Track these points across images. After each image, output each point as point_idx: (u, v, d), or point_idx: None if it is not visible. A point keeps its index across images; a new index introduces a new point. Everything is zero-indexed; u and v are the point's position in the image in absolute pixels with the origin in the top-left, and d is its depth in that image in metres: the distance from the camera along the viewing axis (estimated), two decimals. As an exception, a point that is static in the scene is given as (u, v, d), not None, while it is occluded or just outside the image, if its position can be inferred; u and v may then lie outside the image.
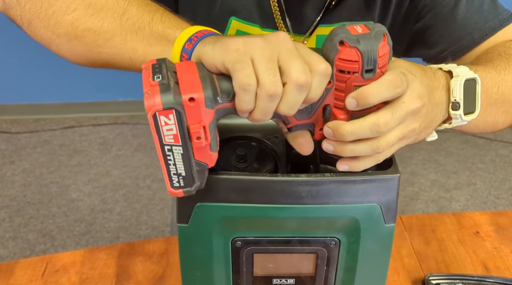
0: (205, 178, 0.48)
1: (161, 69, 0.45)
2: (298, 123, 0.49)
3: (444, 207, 2.13)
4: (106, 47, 0.58)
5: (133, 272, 0.86)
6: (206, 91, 0.43)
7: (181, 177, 0.47)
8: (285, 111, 0.45)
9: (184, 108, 0.43)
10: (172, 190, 0.47)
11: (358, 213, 0.51)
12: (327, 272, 0.55)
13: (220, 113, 0.46)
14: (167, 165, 0.46)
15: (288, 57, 0.44)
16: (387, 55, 0.46)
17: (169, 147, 0.44)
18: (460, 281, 0.82)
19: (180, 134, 0.44)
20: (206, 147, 0.45)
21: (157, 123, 0.43)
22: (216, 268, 0.55)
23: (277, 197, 0.50)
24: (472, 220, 0.98)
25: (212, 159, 0.47)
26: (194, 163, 0.46)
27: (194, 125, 0.43)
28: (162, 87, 0.43)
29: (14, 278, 0.85)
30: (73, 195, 2.19)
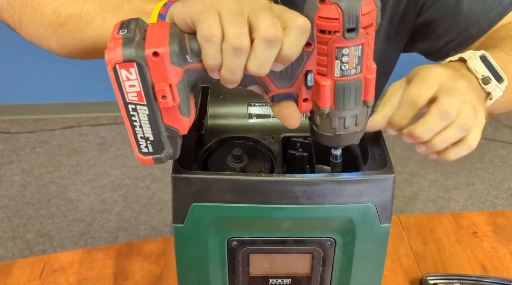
0: (178, 146, 0.46)
1: (129, 25, 0.42)
2: (280, 92, 0.46)
3: (443, 207, 2.13)
4: (89, 31, 0.58)
5: (131, 272, 0.86)
6: (172, 47, 0.41)
7: (149, 142, 0.44)
8: (254, 69, 0.41)
9: (148, 63, 0.41)
10: (141, 156, 0.45)
11: (353, 213, 0.51)
12: (322, 272, 0.56)
13: (192, 75, 0.43)
14: (132, 126, 0.44)
15: (258, 12, 0.41)
16: (372, 15, 0.42)
17: (133, 106, 0.42)
18: (458, 281, 0.82)
19: (144, 92, 0.41)
20: (174, 109, 0.43)
21: (118, 78, 0.41)
22: (212, 268, 0.55)
23: (273, 197, 0.50)
24: (470, 220, 0.98)
25: (183, 124, 0.44)
26: (163, 127, 0.44)
27: (159, 83, 0.41)
28: (125, 41, 0.40)
29: (12, 278, 0.85)
30: (72, 195, 2.19)
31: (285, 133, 0.60)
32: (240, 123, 0.61)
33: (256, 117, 0.61)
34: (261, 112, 0.62)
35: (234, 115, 0.61)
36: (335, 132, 0.48)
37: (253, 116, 0.61)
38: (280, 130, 0.60)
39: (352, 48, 0.42)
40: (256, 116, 0.61)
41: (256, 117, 0.61)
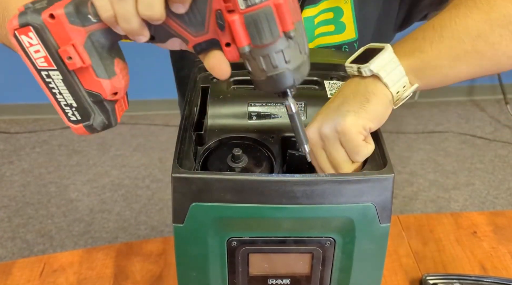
0: (110, 113, 0.46)
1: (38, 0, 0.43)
2: (199, 40, 0.44)
3: (442, 207, 2.13)
4: None
5: (131, 272, 0.86)
6: (67, 7, 0.41)
7: (74, 108, 0.45)
8: (144, 11, 0.41)
9: (47, 26, 0.41)
10: (72, 125, 0.46)
11: (353, 213, 0.51)
12: (322, 272, 0.56)
13: (101, 35, 0.43)
14: (52, 94, 0.44)
15: None
16: None
17: (46, 72, 0.43)
18: (458, 281, 0.82)
19: (51, 56, 0.42)
20: (87, 70, 0.43)
21: (21, 44, 0.42)
22: (212, 268, 0.55)
23: (273, 197, 0.50)
24: (469, 220, 0.98)
25: (103, 87, 0.44)
26: (84, 92, 0.44)
27: (64, 46, 0.42)
28: (25, 10, 0.42)
29: (12, 278, 0.85)
30: (72, 195, 2.19)
31: (285, 134, 0.60)
32: (240, 123, 0.61)
33: (256, 117, 0.61)
34: (261, 112, 0.62)
35: (234, 115, 0.61)
36: (266, 74, 0.45)
37: (253, 116, 0.61)
38: (280, 130, 0.60)
39: None
40: (256, 116, 0.61)
41: (256, 117, 0.61)
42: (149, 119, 2.63)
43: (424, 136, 2.53)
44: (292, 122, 0.50)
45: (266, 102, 0.62)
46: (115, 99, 0.46)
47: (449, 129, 2.56)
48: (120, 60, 0.46)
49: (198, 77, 0.67)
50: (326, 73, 0.67)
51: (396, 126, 2.59)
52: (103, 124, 0.46)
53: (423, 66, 0.56)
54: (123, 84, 0.46)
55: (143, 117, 2.63)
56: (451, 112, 2.70)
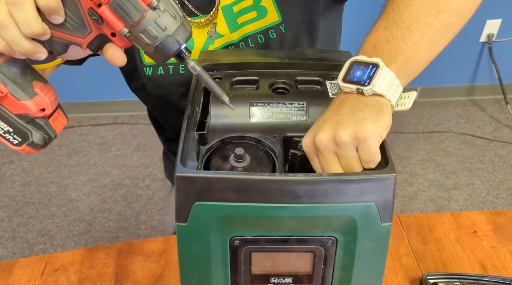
0: (46, 127, 0.51)
1: None
2: (88, 40, 0.49)
3: (442, 206, 2.13)
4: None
5: (132, 271, 0.87)
6: None
7: (12, 133, 0.50)
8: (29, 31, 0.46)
9: None
10: (17, 148, 0.50)
11: (355, 212, 0.51)
12: (324, 271, 0.56)
13: (9, 65, 0.48)
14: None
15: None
16: None
17: None
18: (458, 280, 0.82)
19: None
20: (8, 98, 0.49)
21: None
22: (214, 267, 0.55)
23: (275, 196, 0.50)
24: (469, 220, 0.98)
25: (27, 107, 0.49)
26: (14, 117, 0.49)
27: None
28: None
29: (13, 278, 0.85)
30: (72, 194, 2.19)
31: (287, 133, 0.60)
32: (242, 123, 0.61)
33: (258, 117, 0.61)
34: (263, 112, 0.62)
35: (236, 115, 0.61)
36: (153, 46, 0.49)
37: (255, 116, 0.62)
38: (282, 130, 0.60)
39: None
40: (258, 116, 0.62)
41: (258, 117, 0.61)
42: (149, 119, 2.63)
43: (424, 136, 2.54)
44: (203, 80, 0.53)
45: (268, 101, 0.62)
46: (46, 115, 0.51)
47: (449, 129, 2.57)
48: (39, 81, 0.51)
49: (200, 77, 0.67)
50: (327, 73, 0.67)
51: (396, 126, 2.59)
52: (44, 139, 0.51)
53: (408, 65, 0.57)
54: (47, 101, 0.51)
55: (143, 117, 2.63)
56: (451, 112, 2.70)
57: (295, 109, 0.62)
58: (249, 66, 0.68)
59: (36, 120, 0.51)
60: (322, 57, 0.72)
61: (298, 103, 0.62)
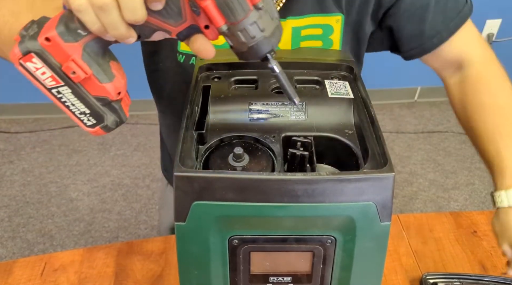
0: (119, 111, 0.50)
1: (30, 26, 0.46)
2: (180, 29, 0.48)
3: (442, 206, 2.13)
4: None
5: (131, 271, 0.87)
6: (58, 27, 0.45)
7: (88, 114, 0.49)
8: (130, 17, 0.44)
9: (46, 49, 0.45)
10: (89, 129, 0.50)
11: (353, 211, 0.51)
12: (323, 270, 0.56)
13: (94, 45, 0.47)
14: (66, 107, 0.48)
15: None
16: None
17: (56, 89, 0.47)
18: (458, 280, 0.82)
19: (56, 74, 0.46)
20: (91, 79, 0.47)
21: (29, 71, 0.45)
22: (213, 266, 0.55)
23: (274, 195, 0.50)
24: (469, 220, 0.98)
25: (108, 90, 0.48)
26: (92, 99, 0.48)
27: (65, 63, 0.45)
28: (21, 39, 0.45)
29: (13, 277, 0.85)
30: (72, 194, 2.19)
31: (286, 133, 0.60)
32: (241, 122, 0.61)
33: (257, 116, 0.61)
34: (262, 112, 0.62)
35: (235, 115, 0.61)
36: (247, 45, 0.48)
37: (254, 116, 0.62)
38: (281, 129, 0.60)
39: None
40: (257, 115, 0.61)
41: (257, 116, 0.61)
42: (149, 119, 2.63)
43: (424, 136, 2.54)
44: (279, 81, 0.52)
45: (267, 101, 0.62)
46: (120, 98, 0.50)
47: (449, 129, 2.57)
48: (114, 61, 0.49)
49: (199, 77, 0.67)
50: (326, 73, 0.67)
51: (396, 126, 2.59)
52: (116, 122, 0.50)
53: None
54: (123, 83, 0.50)
55: (143, 117, 2.63)
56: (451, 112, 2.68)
57: (294, 109, 0.62)
58: (248, 66, 0.68)
59: (112, 104, 0.49)
60: (321, 57, 0.72)
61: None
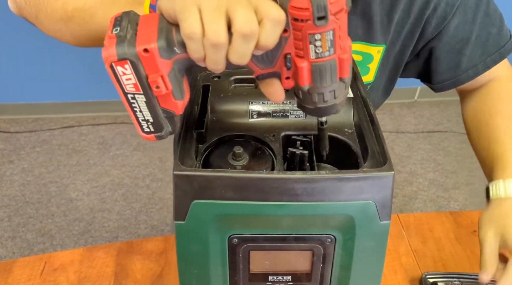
0: (176, 124, 0.51)
1: (122, 21, 0.46)
2: (263, 72, 0.49)
3: (442, 206, 2.13)
4: (93, 23, 0.62)
5: (131, 270, 0.87)
6: (160, 42, 0.45)
7: (150, 123, 0.49)
8: (235, 60, 0.45)
9: (140, 59, 0.45)
10: (144, 135, 0.50)
11: (353, 210, 0.51)
12: (323, 269, 0.56)
13: (181, 63, 0.47)
14: (133, 111, 0.48)
15: (235, 6, 0.43)
16: (340, 1, 0.44)
17: (132, 95, 0.47)
18: (457, 280, 0.82)
19: (140, 83, 0.46)
20: (168, 95, 0.48)
21: (116, 73, 0.46)
22: (213, 265, 0.55)
23: (273, 194, 0.50)
24: (469, 219, 0.98)
25: (178, 106, 0.49)
26: (160, 110, 0.49)
27: (152, 75, 0.45)
28: (118, 40, 0.44)
29: (13, 277, 0.85)
30: (72, 194, 2.19)
31: (285, 132, 0.60)
32: (240, 121, 0.61)
33: (256, 115, 0.62)
34: (261, 111, 0.62)
35: (234, 114, 0.61)
36: (316, 105, 0.50)
37: (253, 115, 0.62)
38: (280, 128, 0.60)
39: (324, 33, 0.45)
40: (256, 114, 0.62)
41: (256, 115, 0.62)
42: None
43: (424, 136, 2.54)
44: (323, 132, 0.56)
45: (267, 100, 0.62)
46: (181, 112, 0.51)
47: (449, 129, 2.57)
48: (186, 77, 0.50)
49: (199, 76, 0.67)
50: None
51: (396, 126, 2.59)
52: (169, 132, 0.51)
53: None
54: (188, 99, 0.51)
55: (143, 117, 2.64)
56: (451, 112, 2.70)
57: (293, 108, 0.62)
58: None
59: (174, 117, 0.50)
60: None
61: None
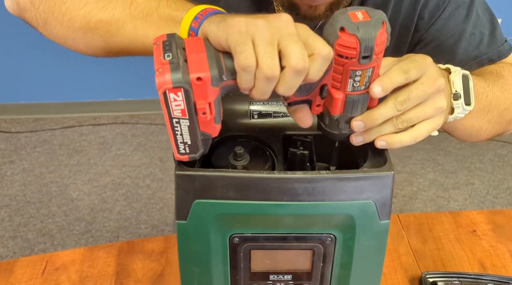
0: (208, 145, 0.52)
1: (171, 46, 0.47)
2: (297, 99, 0.51)
3: (442, 206, 2.13)
4: (119, 36, 0.61)
5: (132, 270, 0.87)
6: (213, 71, 0.46)
7: (187, 145, 0.50)
8: (283, 92, 0.46)
9: (192, 86, 0.46)
10: (179, 156, 0.51)
11: (353, 209, 0.51)
12: (323, 268, 0.56)
13: (225, 89, 0.48)
14: (174, 134, 0.49)
15: (288, 42, 0.45)
16: (384, 43, 0.47)
17: (177, 119, 0.48)
18: (457, 279, 0.83)
19: (188, 110, 0.47)
20: (210, 120, 0.49)
21: (167, 100, 0.46)
22: (214, 264, 0.55)
23: (274, 194, 0.50)
24: (469, 219, 0.98)
25: (216, 130, 0.50)
26: (199, 134, 0.50)
27: (201, 102, 0.46)
28: (172, 66, 0.45)
29: (14, 276, 0.85)
30: (72, 194, 2.19)
31: (286, 132, 0.60)
32: (241, 121, 0.61)
33: (257, 116, 0.62)
34: (262, 111, 0.62)
35: (235, 114, 0.62)
36: (341, 131, 0.54)
37: (254, 115, 0.62)
38: (281, 128, 0.61)
39: (365, 70, 0.48)
40: (257, 114, 0.62)
41: (257, 116, 0.62)
42: (149, 119, 2.63)
43: (424, 136, 2.54)
44: (335, 152, 0.59)
45: (267, 101, 0.63)
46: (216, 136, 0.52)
47: (448, 129, 2.57)
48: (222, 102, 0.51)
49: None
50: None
51: (396, 126, 2.59)
52: (202, 154, 0.52)
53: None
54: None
55: (143, 117, 2.64)
56: (450, 112, 2.70)
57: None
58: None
59: (209, 140, 0.51)
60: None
61: None
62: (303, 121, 0.53)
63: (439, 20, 0.79)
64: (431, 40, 0.81)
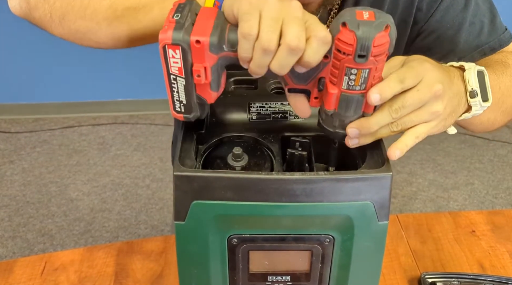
0: (205, 111, 0.55)
1: (184, 9, 0.50)
2: (295, 86, 0.52)
3: (442, 206, 2.13)
4: (147, 21, 0.62)
5: (131, 270, 0.87)
6: (213, 38, 0.48)
7: (182, 104, 0.53)
8: (275, 69, 0.48)
9: (191, 48, 0.48)
10: (174, 113, 0.54)
11: (351, 210, 0.51)
12: (321, 269, 0.56)
13: (225, 60, 0.50)
14: (171, 90, 0.52)
15: (290, 21, 0.47)
16: (384, 46, 0.47)
17: (174, 76, 0.50)
18: (456, 280, 0.83)
19: (184, 69, 0.49)
20: (206, 85, 0.51)
21: (166, 55, 0.49)
22: (213, 265, 0.55)
23: (272, 195, 0.50)
24: (468, 219, 0.98)
25: (211, 96, 0.52)
26: (195, 96, 0.52)
27: (197, 65, 0.49)
28: (176, 25, 0.48)
29: (13, 277, 0.86)
30: (72, 194, 2.19)
31: (284, 133, 0.60)
32: (240, 122, 0.61)
33: (256, 116, 0.62)
34: (261, 112, 0.62)
35: (234, 115, 0.62)
36: (335, 129, 0.54)
37: (253, 116, 0.62)
38: (279, 129, 0.61)
39: (360, 70, 0.48)
40: (256, 115, 0.62)
41: (256, 116, 0.62)
42: (149, 119, 2.63)
43: (423, 136, 2.54)
44: (333, 152, 0.60)
45: (266, 102, 0.63)
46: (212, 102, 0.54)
47: (448, 130, 2.57)
48: (225, 71, 0.53)
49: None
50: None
51: (396, 126, 2.59)
52: (196, 117, 0.54)
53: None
54: (221, 91, 0.54)
55: (143, 117, 2.64)
56: (450, 112, 2.70)
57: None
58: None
59: (205, 105, 0.54)
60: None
61: None
62: (300, 110, 0.54)
63: (438, 11, 0.79)
64: (431, 32, 0.80)
